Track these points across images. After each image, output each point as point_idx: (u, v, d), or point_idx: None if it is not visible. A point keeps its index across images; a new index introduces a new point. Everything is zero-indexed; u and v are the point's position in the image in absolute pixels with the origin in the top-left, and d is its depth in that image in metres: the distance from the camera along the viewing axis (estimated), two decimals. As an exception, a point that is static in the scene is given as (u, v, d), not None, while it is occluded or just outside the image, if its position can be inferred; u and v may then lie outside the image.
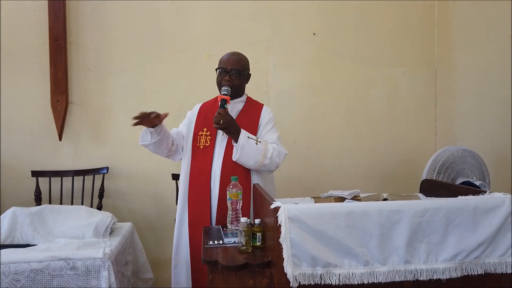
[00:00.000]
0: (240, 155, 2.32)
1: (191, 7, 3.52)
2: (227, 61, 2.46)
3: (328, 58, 3.63)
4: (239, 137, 2.31)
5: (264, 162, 2.36)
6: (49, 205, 2.87)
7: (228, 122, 2.29)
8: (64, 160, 3.45)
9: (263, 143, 2.38)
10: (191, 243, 2.41)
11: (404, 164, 3.71)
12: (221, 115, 2.28)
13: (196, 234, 2.38)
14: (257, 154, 2.34)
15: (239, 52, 2.54)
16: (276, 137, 2.48)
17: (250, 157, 2.34)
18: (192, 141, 2.50)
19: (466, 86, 3.33)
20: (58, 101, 3.35)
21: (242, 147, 2.31)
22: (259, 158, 2.35)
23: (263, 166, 2.38)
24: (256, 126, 2.48)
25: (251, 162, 2.35)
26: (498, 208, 1.78)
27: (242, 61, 2.49)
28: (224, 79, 2.43)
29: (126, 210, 3.49)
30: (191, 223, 2.42)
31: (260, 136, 2.45)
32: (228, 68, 2.44)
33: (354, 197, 2.13)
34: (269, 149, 2.37)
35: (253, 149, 2.33)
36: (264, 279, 1.82)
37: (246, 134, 2.34)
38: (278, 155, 2.40)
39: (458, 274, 1.73)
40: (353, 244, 1.71)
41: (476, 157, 2.75)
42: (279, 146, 2.45)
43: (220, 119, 2.27)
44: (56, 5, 3.31)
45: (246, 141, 2.32)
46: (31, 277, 2.25)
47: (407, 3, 3.67)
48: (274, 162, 2.39)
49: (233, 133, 2.32)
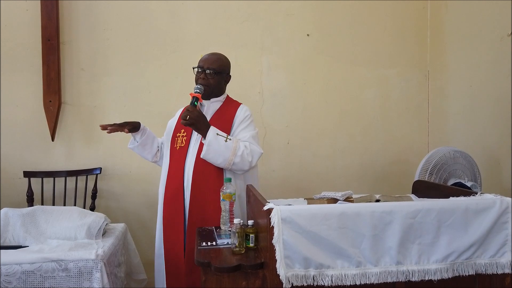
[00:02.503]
0: (207, 152, 2.27)
1: (185, 8, 3.52)
2: (205, 60, 2.45)
3: (322, 59, 3.64)
4: (207, 134, 2.29)
5: (234, 160, 2.29)
6: (41, 206, 2.85)
7: (195, 118, 2.24)
8: (57, 161, 3.44)
9: (233, 140, 2.31)
10: (166, 245, 2.39)
11: (396, 165, 3.73)
12: (188, 111, 2.24)
13: (171, 236, 2.37)
14: (226, 152, 2.28)
15: (220, 53, 2.53)
16: (250, 135, 2.40)
17: (218, 155, 2.28)
18: (171, 143, 2.51)
19: (458, 87, 3.35)
20: (51, 101, 3.34)
21: (209, 143, 2.26)
22: (228, 156, 2.28)
23: (234, 165, 2.31)
24: (230, 124, 2.43)
25: (220, 159, 2.29)
26: (488, 209, 1.79)
27: (220, 61, 2.48)
28: (200, 77, 2.42)
29: (119, 211, 3.48)
30: (166, 225, 2.41)
31: (234, 134, 2.40)
32: (205, 67, 2.42)
33: (346, 198, 2.14)
34: (239, 147, 2.30)
35: (221, 146, 2.27)
36: (257, 280, 1.82)
37: (215, 131, 2.29)
38: (250, 153, 2.33)
39: (450, 275, 1.75)
40: (346, 245, 1.71)
41: (468, 158, 2.77)
42: (252, 144, 2.37)
43: (186, 115, 2.24)
44: (49, 5, 3.30)
45: (214, 138, 2.27)
46: (22, 279, 2.23)
47: (400, 4, 3.69)
48: (245, 160, 2.32)
49: (201, 129, 2.29)
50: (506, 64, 2.80)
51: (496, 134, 2.93)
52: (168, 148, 2.52)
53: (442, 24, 3.54)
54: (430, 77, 3.73)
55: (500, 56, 2.86)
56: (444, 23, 3.52)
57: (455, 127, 3.40)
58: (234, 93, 2.69)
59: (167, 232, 2.40)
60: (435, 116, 3.67)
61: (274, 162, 3.57)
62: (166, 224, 2.41)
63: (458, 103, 3.35)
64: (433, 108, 3.70)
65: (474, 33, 3.15)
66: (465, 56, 3.26)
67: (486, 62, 3.02)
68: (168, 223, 2.40)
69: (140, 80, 3.51)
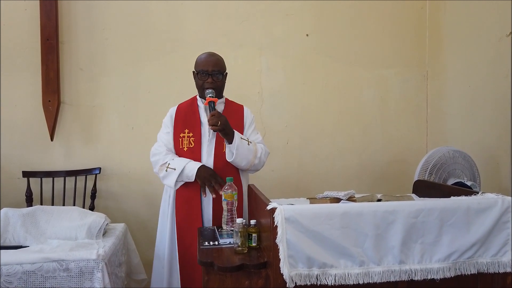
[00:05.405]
0: (236, 156, 2.33)
1: (184, 8, 3.51)
2: (207, 63, 2.43)
3: (321, 60, 3.65)
4: (233, 138, 2.31)
5: (254, 162, 2.41)
6: (42, 206, 2.84)
7: (225, 123, 2.28)
8: (56, 161, 3.43)
9: (253, 143, 2.42)
10: (180, 247, 2.40)
11: (395, 165, 3.74)
12: (216, 116, 2.26)
13: (186, 238, 2.38)
14: (249, 155, 2.37)
15: (214, 52, 2.53)
16: (261, 138, 2.56)
17: (243, 158, 2.36)
18: (174, 143, 2.49)
19: (457, 87, 3.37)
20: (50, 101, 3.32)
21: (237, 148, 2.32)
22: (251, 158, 2.38)
23: (253, 166, 2.42)
24: (242, 127, 2.51)
25: (244, 162, 2.37)
26: (490, 208, 1.81)
27: (220, 61, 2.49)
28: (207, 81, 2.41)
29: (119, 211, 3.47)
30: (181, 227, 2.41)
31: (246, 136, 2.47)
32: (209, 70, 2.42)
33: (349, 198, 2.15)
34: (258, 149, 2.43)
35: (245, 150, 2.35)
36: (260, 280, 1.82)
37: (239, 135, 2.36)
38: (265, 154, 2.48)
39: (452, 274, 1.76)
40: (349, 245, 1.72)
41: (467, 158, 2.78)
42: (264, 146, 2.51)
43: (217, 121, 2.25)
44: (48, 5, 3.28)
45: (240, 142, 2.33)
46: (23, 279, 2.22)
47: (399, 4, 3.70)
48: (262, 161, 2.46)
49: (229, 134, 2.31)
50: (505, 64, 2.82)
51: (495, 134, 2.94)
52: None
53: (441, 25, 3.56)
54: (428, 77, 3.74)
55: (499, 57, 2.88)
56: (443, 23, 3.53)
57: (454, 127, 3.41)
58: (233, 93, 2.70)
59: (182, 234, 2.40)
60: (434, 116, 3.69)
61: (273, 162, 3.56)
62: (182, 226, 2.40)
63: (457, 103, 3.37)
64: (432, 108, 3.71)
65: (472, 33, 3.16)
66: (463, 56, 3.27)
67: (484, 62, 3.03)
68: (185, 225, 2.39)
69: (139, 80, 3.50)
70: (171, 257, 2.45)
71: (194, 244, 2.31)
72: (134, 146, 3.48)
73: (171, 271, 2.45)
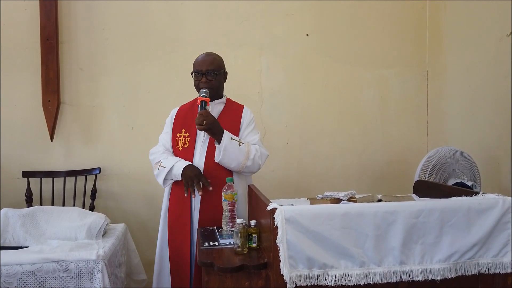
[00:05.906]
0: (223, 157, 2.30)
1: (184, 7, 3.51)
2: (202, 62, 2.43)
3: (321, 59, 3.65)
4: (222, 138, 2.29)
5: (246, 164, 2.34)
6: (41, 206, 2.83)
7: (211, 123, 2.25)
8: (56, 161, 3.42)
9: (246, 144, 2.36)
10: (171, 247, 2.40)
11: (395, 165, 3.74)
12: (203, 116, 2.24)
13: (177, 238, 2.38)
14: (240, 156, 2.32)
15: (212, 52, 2.52)
16: (258, 139, 2.48)
17: (233, 159, 2.32)
18: (172, 143, 2.50)
19: (457, 87, 3.36)
20: (50, 101, 3.32)
21: (225, 148, 2.28)
22: (242, 160, 2.33)
23: (245, 168, 2.36)
24: (238, 127, 2.47)
25: (234, 163, 2.33)
26: (491, 209, 1.80)
27: (216, 60, 2.47)
28: (201, 81, 2.41)
29: (119, 211, 3.47)
30: (171, 226, 2.41)
31: (242, 137, 2.44)
32: (203, 70, 2.41)
33: (350, 198, 2.14)
34: (251, 151, 2.36)
35: (236, 151, 2.31)
36: (260, 280, 1.82)
37: (229, 135, 2.31)
38: (260, 156, 2.39)
39: (453, 274, 1.76)
40: (349, 245, 1.72)
41: (467, 158, 2.78)
42: (261, 147, 2.44)
43: (203, 120, 2.23)
44: (48, 5, 3.28)
45: (229, 142, 2.30)
46: (23, 280, 2.22)
47: (399, 4, 3.70)
48: (256, 163, 2.38)
49: (216, 134, 2.29)
50: (505, 64, 2.81)
51: (495, 134, 2.94)
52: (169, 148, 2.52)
53: (441, 25, 3.56)
54: (429, 77, 3.74)
55: (499, 57, 2.87)
56: (443, 23, 3.53)
57: (454, 127, 3.41)
58: (234, 93, 2.69)
59: (173, 233, 2.40)
60: (434, 116, 3.68)
61: (274, 162, 3.56)
62: (172, 225, 2.41)
63: (457, 103, 3.37)
64: (432, 108, 3.71)
65: (473, 33, 3.16)
66: (464, 56, 3.27)
67: (485, 63, 3.03)
68: (174, 224, 2.40)
69: (139, 79, 3.50)
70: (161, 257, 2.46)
71: (185, 244, 2.32)
72: (134, 146, 3.48)
73: (160, 271, 2.46)
